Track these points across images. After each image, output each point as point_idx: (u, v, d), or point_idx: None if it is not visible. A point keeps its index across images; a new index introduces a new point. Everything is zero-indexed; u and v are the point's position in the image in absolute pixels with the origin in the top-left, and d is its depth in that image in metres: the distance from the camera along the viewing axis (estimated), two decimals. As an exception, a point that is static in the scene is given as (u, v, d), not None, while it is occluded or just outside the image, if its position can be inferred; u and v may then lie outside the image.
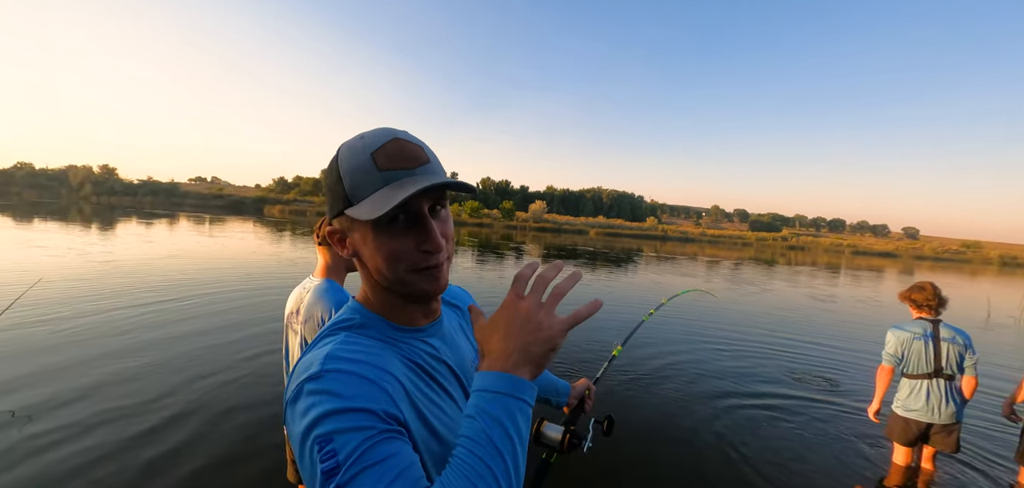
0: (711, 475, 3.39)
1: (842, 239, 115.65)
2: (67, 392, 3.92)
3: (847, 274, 24.63)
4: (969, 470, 3.58)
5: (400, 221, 0.65)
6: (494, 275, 13.23)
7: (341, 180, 0.65)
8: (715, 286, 14.32)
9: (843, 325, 9.35)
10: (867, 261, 44.76)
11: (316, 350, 0.65)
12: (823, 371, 5.96)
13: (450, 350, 0.80)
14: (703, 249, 43.56)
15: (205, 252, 14.14)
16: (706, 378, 5.42)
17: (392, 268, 0.67)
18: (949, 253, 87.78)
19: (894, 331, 3.25)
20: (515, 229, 61.70)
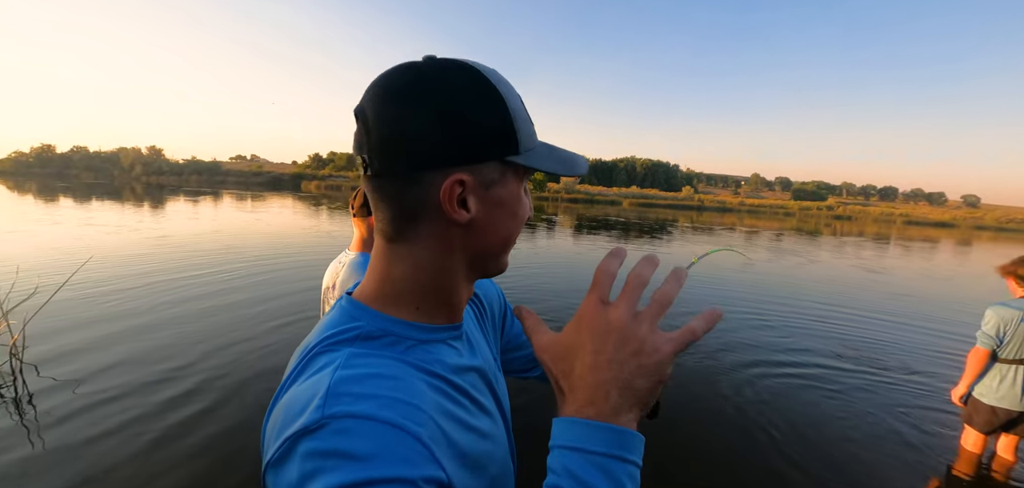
0: (748, 448, 3.29)
1: (894, 208, 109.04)
2: (111, 358, 4.17)
3: (897, 244, 23.31)
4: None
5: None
6: (526, 248, 13.17)
7: (511, 117, 0.50)
8: (756, 256, 13.80)
9: (895, 299, 8.84)
10: (921, 231, 42.19)
11: (309, 378, 0.46)
12: (876, 347, 5.65)
13: (476, 350, 0.65)
14: (742, 219, 42.06)
15: (250, 227, 14.68)
16: (743, 346, 5.25)
17: (514, 236, 0.57)
18: (1014, 222, 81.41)
19: (996, 309, 2.91)
20: (546, 200, 61.22)
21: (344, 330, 0.51)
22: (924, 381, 4.63)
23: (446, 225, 0.51)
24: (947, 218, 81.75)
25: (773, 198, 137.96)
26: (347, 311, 0.54)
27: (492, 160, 0.50)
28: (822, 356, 5.23)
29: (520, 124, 0.51)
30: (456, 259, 0.54)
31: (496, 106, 0.49)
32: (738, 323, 6.34)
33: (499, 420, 0.63)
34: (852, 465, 3.18)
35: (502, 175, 0.52)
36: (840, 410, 3.93)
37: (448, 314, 0.58)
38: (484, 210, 0.51)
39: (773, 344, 5.56)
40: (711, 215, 48.80)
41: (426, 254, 0.53)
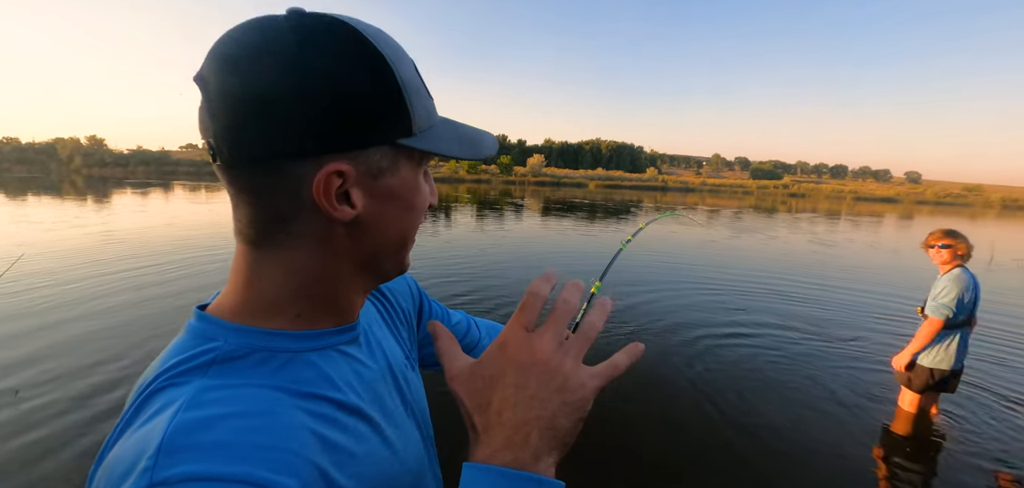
0: (697, 420, 3.35)
1: (844, 185, 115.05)
2: (43, 360, 3.85)
3: (848, 219, 24.49)
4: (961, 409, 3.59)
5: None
6: (495, 232, 13.07)
7: (401, 92, 0.41)
8: (717, 235, 14.19)
9: (844, 271, 9.26)
10: (868, 207, 44.57)
11: (140, 428, 0.35)
12: (823, 316, 5.90)
13: (377, 351, 0.55)
14: (704, 199, 43.31)
15: (201, 218, 13.95)
16: (696, 320, 5.37)
17: (411, 232, 0.49)
18: (950, 197, 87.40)
19: (952, 279, 3.09)
20: (514, 184, 61.10)
21: (193, 356, 0.40)
22: (865, 346, 4.86)
23: (325, 224, 0.42)
24: (892, 194, 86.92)
25: (733, 178, 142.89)
26: (198, 331, 0.43)
27: (379, 144, 0.41)
28: (772, 326, 5.44)
29: (414, 98, 0.42)
30: (341, 265, 0.45)
31: (382, 76, 0.40)
32: (693, 297, 6.51)
33: (410, 426, 0.56)
34: (797, 429, 3.32)
35: (393, 162, 0.43)
36: (786, 375, 4.11)
37: (337, 316, 0.48)
38: (373, 204, 0.43)
39: (726, 316, 5.74)
40: (675, 195, 50.06)
41: (301, 261, 0.43)
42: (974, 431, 3.35)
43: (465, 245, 10.42)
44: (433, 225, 13.72)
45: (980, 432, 3.34)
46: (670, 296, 6.68)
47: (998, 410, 3.66)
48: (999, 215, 40.03)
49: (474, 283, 6.96)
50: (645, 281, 7.40)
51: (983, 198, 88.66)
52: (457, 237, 11.69)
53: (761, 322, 5.64)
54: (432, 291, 6.50)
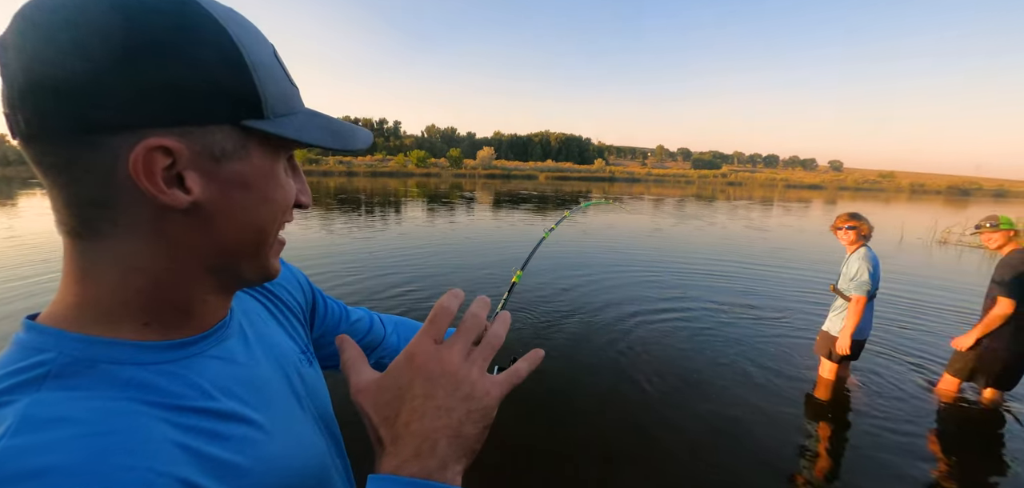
0: (623, 400, 3.44)
1: (776, 174, 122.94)
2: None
3: (780, 205, 26.14)
4: (876, 373, 3.92)
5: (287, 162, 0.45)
6: (445, 226, 12.91)
7: (248, 71, 0.37)
8: (663, 223, 14.73)
9: (775, 252, 9.86)
10: (797, 193, 47.99)
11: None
12: (754, 294, 6.24)
13: (256, 348, 0.50)
14: (649, 188, 44.83)
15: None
16: (627, 295, 5.50)
17: (268, 229, 0.43)
18: (868, 183, 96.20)
19: (862, 259, 3.38)
20: (464, 177, 60.75)
21: (18, 370, 0.34)
22: (791, 321, 5.17)
23: (156, 212, 0.36)
24: (817, 181, 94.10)
25: (676, 168, 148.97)
26: (26, 343, 0.36)
27: (221, 123, 0.37)
28: (705, 305, 5.69)
29: (266, 80, 0.39)
30: (185, 262, 0.40)
31: (223, 50, 0.36)
32: (631, 281, 6.70)
33: (307, 424, 0.52)
34: (728, 399, 3.49)
35: (241, 146, 0.38)
36: (717, 349, 4.27)
37: (197, 323, 0.43)
38: (217, 192, 0.38)
39: (661, 296, 5.95)
40: (622, 186, 51.57)
41: (136, 256, 0.37)
42: (883, 391, 3.69)
43: (415, 238, 10.23)
44: (384, 221, 13.38)
45: (887, 392, 3.67)
46: (609, 279, 6.86)
47: (902, 371, 4.06)
48: (908, 199, 44.60)
49: (413, 273, 6.84)
50: (585, 266, 7.60)
51: (895, 184, 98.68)
52: (409, 231, 11.45)
53: (694, 301, 5.89)
54: (375, 283, 6.34)
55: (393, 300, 5.68)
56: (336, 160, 70.81)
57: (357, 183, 35.85)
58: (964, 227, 14.04)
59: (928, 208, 28.71)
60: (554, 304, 5.65)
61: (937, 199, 47.23)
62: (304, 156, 66.20)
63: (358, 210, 16.03)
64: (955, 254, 10.70)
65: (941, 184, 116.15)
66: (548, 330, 4.82)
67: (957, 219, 16.84)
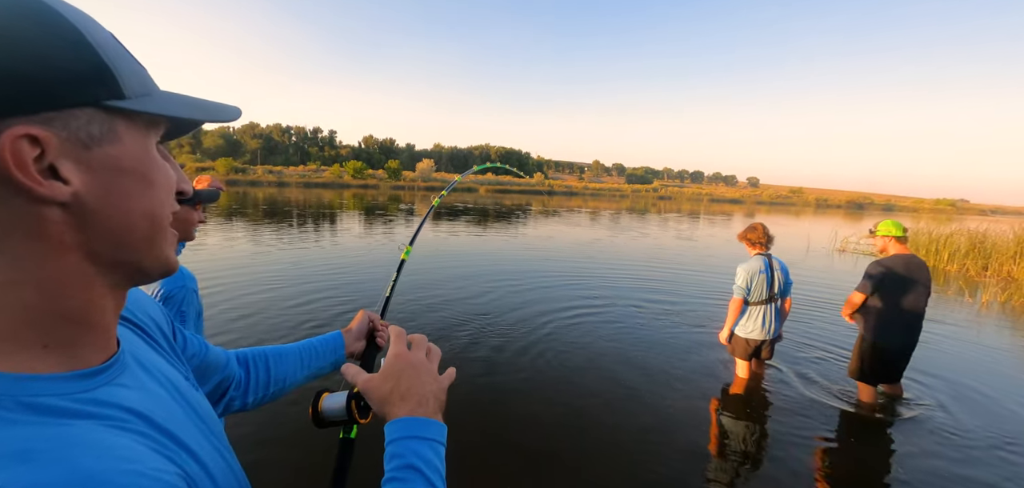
0: (551, 388, 3.58)
1: (702, 188, 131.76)
2: None
3: (705, 218, 27.95)
4: (783, 370, 4.32)
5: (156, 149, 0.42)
6: (382, 236, 12.59)
7: (95, 51, 0.35)
8: (600, 235, 15.27)
9: (703, 260, 10.53)
10: (720, 207, 51.52)
11: None
12: (673, 298, 6.64)
13: (157, 379, 0.48)
14: (586, 202, 46.18)
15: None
16: (548, 304, 5.70)
17: (160, 216, 0.41)
18: (780, 198, 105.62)
19: (743, 267, 3.72)
20: (403, 189, 59.50)
21: None
22: (712, 324, 5.54)
23: (34, 209, 0.34)
24: (738, 196, 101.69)
25: (611, 182, 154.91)
26: None
27: (83, 106, 0.35)
28: (629, 310, 5.97)
29: (117, 60, 0.37)
30: (74, 263, 0.37)
31: (66, 34, 0.34)
32: (556, 289, 6.90)
33: (211, 450, 0.49)
34: (653, 397, 3.68)
35: (109, 128, 0.37)
36: (641, 350, 4.51)
37: (98, 345, 0.41)
38: (95, 180, 0.36)
39: (585, 302, 6.15)
40: (560, 199, 52.85)
41: (16, 261, 0.35)
42: (790, 382, 4.08)
43: (342, 253, 9.89)
44: (317, 233, 12.83)
45: (793, 383, 4.05)
46: (536, 289, 7.02)
47: (809, 362, 4.52)
48: (814, 212, 49.53)
49: (325, 283, 6.64)
50: (511, 274, 7.72)
51: (804, 198, 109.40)
52: (347, 245, 11.07)
53: (618, 306, 6.20)
54: (288, 292, 6.07)
55: (300, 307, 5.47)
56: (265, 169, 67.13)
57: (288, 194, 34.09)
58: (859, 237, 15.93)
59: (830, 220, 31.91)
60: (481, 308, 5.67)
61: (838, 212, 53.05)
62: (198, 157, 62.00)
63: (288, 222, 15.26)
64: (852, 261, 11.97)
65: (841, 199, 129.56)
66: (473, 345, 4.84)
67: (853, 230, 19.11)
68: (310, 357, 0.92)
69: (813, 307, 6.60)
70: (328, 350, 0.95)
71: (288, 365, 0.89)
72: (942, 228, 13.28)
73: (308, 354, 0.92)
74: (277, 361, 0.87)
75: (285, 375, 0.88)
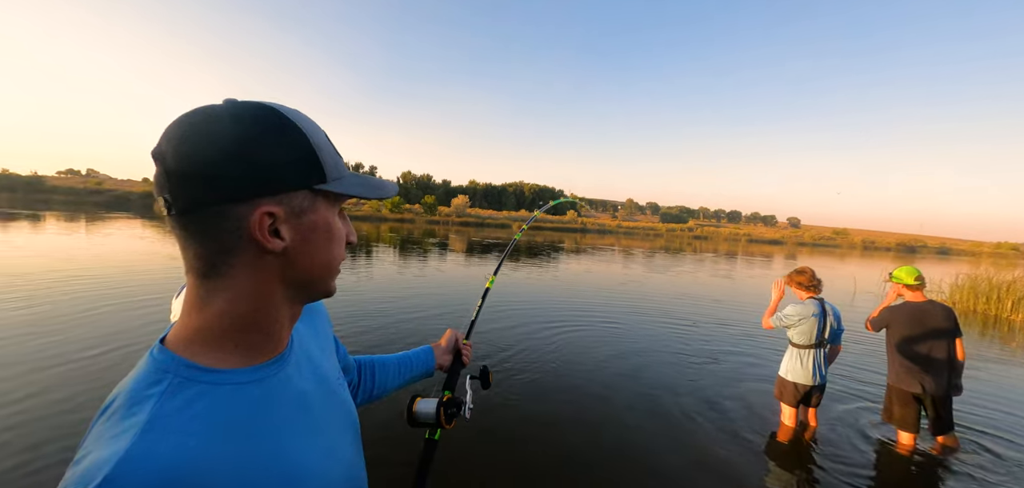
0: (607, 426, 3.54)
1: (739, 229, 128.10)
2: None
3: (743, 258, 27.17)
4: (832, 417, 4.15)
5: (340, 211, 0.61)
6: (415, 271, 12.90)
7: (314, 150, 0.53)
8: (633, 273, 15.10)
9: (750, 299, 10.24)
10: (759, 248, 49.85)
11: (86, 460, 0.42)
12: (697, 341, 6.48)
13: (306, 369, 0.65)
14: (619, 240, 45.79)
15: (84, 253, 12.28)
16: (594, 341, 5.69)
17: (336, 260, 0.60)
18: (823, 239, 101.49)
19: (796, 306, 3.66)
20: (438, 224, 60.76)
21: (151, 384, 0.48)
22: (759, 369, 5.41)
23: (260, 254, 0.52)
24: (778, 236, 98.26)
25: (645, 221, 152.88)
26: (155, 364, 0.50)
27: (301, 189, 0.53)
28: (669, 351, 5.85)
29: (325, 156, 0.55)
30: (276, 287, 0.55)
31: (298, 141, 0.52)
32: (598, 328, 6.87)
33: (345, 437, 0.67)
34: (684, 444, 3.58)
35: (312, 203, 0.55)
36: (685, 393, 4.42)
37: (272, 345, 0.58)
38: (299, 237, 0.54)
39: (624, 345, 6.10)
40: (593, 236, 52.44)
41: (244, 285, 0.53)
42: (838, 429, 3.92)
43: (379, 284, 10.17)
44: (351, 261, 13.24)
45: (841, 431, 3.90)
46: (581, 327, 7.01)
47: (859, 409, 4.34)
48: (861, 255, 47.05)
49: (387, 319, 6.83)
50: (554, 315, 7.71)
51: (849, 240, 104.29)
52: (383, 275, 11.39)
53: (657, 349, 6.08)
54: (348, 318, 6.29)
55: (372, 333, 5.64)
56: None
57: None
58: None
59: (878, 263, 30.39)
60: (540, 347, 5.71)
61: (887, 255, 50.09)
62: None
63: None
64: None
65: (891, 241, 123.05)
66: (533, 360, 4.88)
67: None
68: (406, 368, 1.11)
69: (862, 352, 6.34)
70: (420, 362, 1.14)
71: (389, 374, 1.08)
72: (1004, 274, 12.41)
73: (405, 365, 1.11)
74: (382, 369, 1.07)
75: (386, 382, 1.07)
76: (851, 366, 5.70)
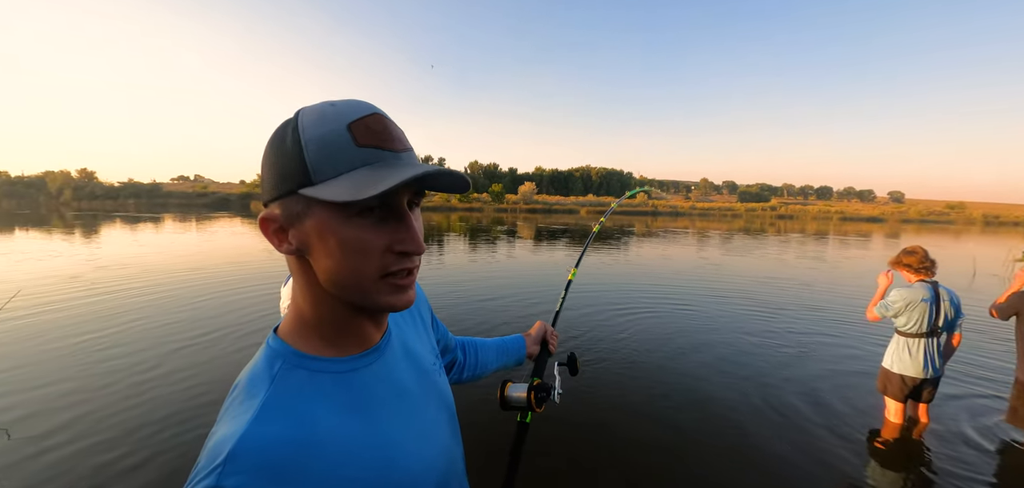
0: (687, 420, 3.41)
1: (830, 206, 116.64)
2: (46, 402, 3.82)
3: (835, 239, 24.86)
4: (945, 414, 3.69)
5: (375, 213, 0.52)
6: (486, 257, 13.16)
7: (301, 150, 0.49)
8: (709, 255, 14.38)
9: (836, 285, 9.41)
10: (855, 226, 45.16)
11: (226, 424, 0.49)
12: (811, 329, 6.01)
13: (399, 362, 0.66)
14: (693, 223, 43.70)
15: (204, 249, 13.89)
16: (683, 333, 5.48)
17: (357, 271, 0.52)
18: (934, 215, 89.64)
19: (900, 292, 3.28)
20: (505, 211, 61.53)
21: (262, 375, 0.53)
22: (855, 359, 4.95)
23: (296, 260, 0.55)
24: (877, 213, 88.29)
25: (721, 201, 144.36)
26: (271, 349, 0.56)
27: (292, 193, 0.51)
28: (765, 341, 5.51)
29: (312, 155, 0.49)
30: (320, 293, 0.56)
31: (292, 143, 0.50)
32: (691, 316, 6.61)
33: (441, 420, 0.69)
34: (789, 433, 3.35)
35: (306, 208, 0.51)
36: (778, 382, 4.14)
37: (356, 342, 0.59)
38: (305, 243, 0.53)
39: (720, 336, 5.80)
40: (665, 219, 50.54)
41: (302, 288, 0.57)
42: (954, 429, 3.48)
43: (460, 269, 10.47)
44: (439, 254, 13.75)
45: (958, 431, 3.46)
46: (670, 311, 6.80)
47: (980, 407, 3.83)
48: (982, 231, 41.02)
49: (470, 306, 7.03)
50: (640, 301, 7.53)
51: (966, 215, 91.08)
52: (453, 265, 11.75)
53: (753, 328, 5.76)
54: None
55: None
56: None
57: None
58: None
59: (1004, 240, 26.50)
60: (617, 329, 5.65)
61: (1014, 232, 43.02)
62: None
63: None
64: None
65: (1019, 214, 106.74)
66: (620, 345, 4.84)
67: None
68: (502, 353, 1.17)
69: (983, 341, 5.60)
70: (514, 350, 1.19)
71: (488, 356, 1.13)
72: None
73: (501, 350, 1.17)
74: (484, 351, 1.12)
75: (486, 364, 1.13)
76: (970, 356, 5.05)
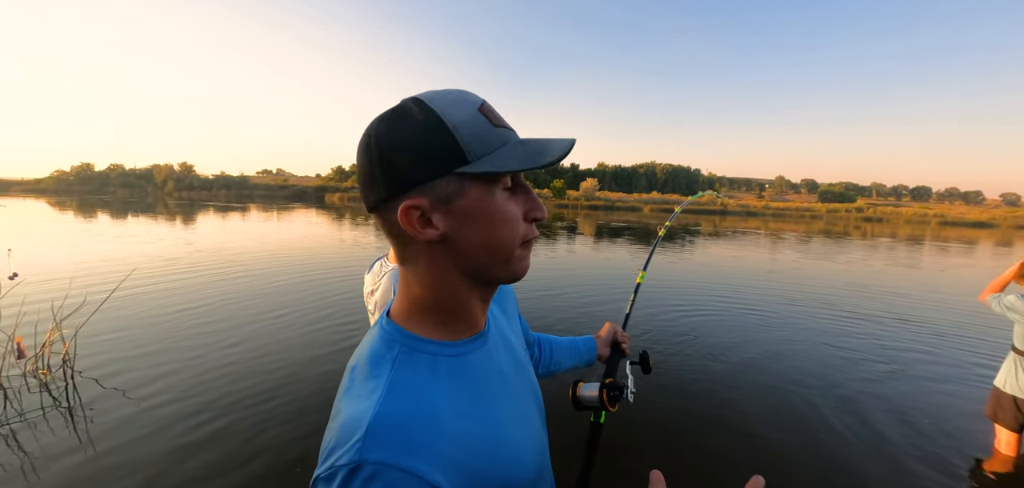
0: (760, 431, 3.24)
1: (928, 208, 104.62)
2: (159, 366, 4.35)
3: (933, 245, 22.41)
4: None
5: (509, 188, 0.57)
6: (545, 255, 13.18)
7: (451, 133, 0.52)
8: (784, 258, 13.52)
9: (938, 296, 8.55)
10: (957, 232, 40.09)
11: (357, 401, 0.52)
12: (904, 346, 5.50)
13: (500, 350, 0.69)
14: (767, 223, 40.94)
15: (287, 236, 15.05)
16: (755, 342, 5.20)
17: (506, 239, 0.57)
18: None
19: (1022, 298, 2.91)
20: (567, 208, 61.02)
21: (386, 352, 0.56)
22: (950, 383, 4.50)
23: (429, 244, 0.55)
24: (986, 217, 77.29)
25: (799, 201, 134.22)
26: (386, 332, 0.59)
27: (443, 176, 0.52)
28: (861, 356, 5.14)
29: (465, 136, 0.52)
30: (452, 274, 0.58)
31: (433, 128, 0.52)
32: (770, 327, 6.30)
33: (533, 411, 0.70)
34: (880, 466, 3.12)
35: (459, 187, 0.53)
36: (875, 404, 3.86)
37: (468, 325, 0.61)
38: (454, 224, 0.54)
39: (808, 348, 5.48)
40: (735, 219, 47.81)
41: (425, 272, 0.57)
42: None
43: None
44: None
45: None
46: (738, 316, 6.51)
47: None
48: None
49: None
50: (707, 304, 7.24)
51: (1101, 223, 77.86)
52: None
53: (835, 337, 5.38)
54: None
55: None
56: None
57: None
58: None
59: None
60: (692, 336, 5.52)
61: None
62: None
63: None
64: None
65: None
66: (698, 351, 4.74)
67: None
68: (575, 353, 1.17)
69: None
70: (586, 350, 1.19)
71: (561, 354, 1.14)
72: None
73: (573, 350, 1.17)
74: (557, 350, 1.14)
75: (560, 361, 1.14)
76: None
